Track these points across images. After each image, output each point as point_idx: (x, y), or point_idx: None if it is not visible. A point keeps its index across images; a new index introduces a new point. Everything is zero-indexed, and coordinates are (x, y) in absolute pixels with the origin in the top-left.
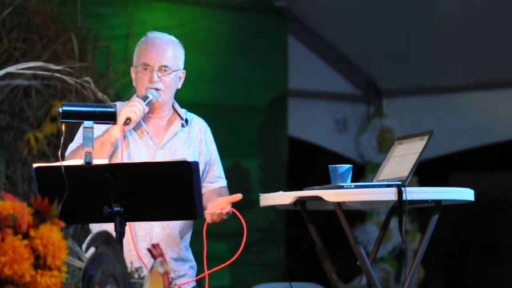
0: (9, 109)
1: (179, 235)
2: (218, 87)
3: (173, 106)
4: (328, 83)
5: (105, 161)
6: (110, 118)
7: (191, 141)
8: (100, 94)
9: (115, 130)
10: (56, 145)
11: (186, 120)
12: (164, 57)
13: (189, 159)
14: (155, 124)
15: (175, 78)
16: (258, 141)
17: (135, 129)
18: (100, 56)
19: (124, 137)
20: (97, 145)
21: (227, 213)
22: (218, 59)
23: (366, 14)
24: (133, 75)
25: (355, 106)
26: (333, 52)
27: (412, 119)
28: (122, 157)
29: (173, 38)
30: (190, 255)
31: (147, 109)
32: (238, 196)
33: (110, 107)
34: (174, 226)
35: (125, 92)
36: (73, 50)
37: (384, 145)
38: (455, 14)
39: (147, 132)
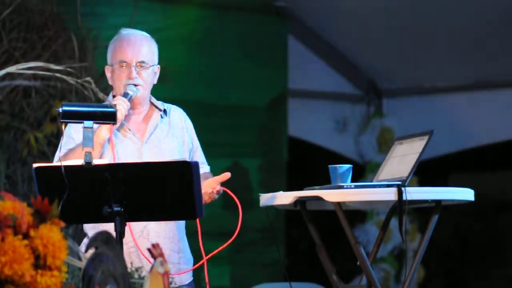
0: (9, 109)
1: (175, 226)
2: (218, 87)
3: (150, 100)
4: (328, 83)
5: (105, 161)
6: (110, 118)
7: (173, 131)
8: (101, 94)
9: (103, 131)
10: (56, 145)
11: (165, 111)
12: (141, 53)
13: (175, 150)
14: (134, 120)
15: (152, 73)
16: (258, 141)
17: (117, 129)
18: (100, 56)
19: (110, 138)
20: None
21: (218, 191)
22: (218, 59)
23: (366, 14)
24: (108, 74)
25: (355, 106)
26: (333, 52)
27: (412, 119)
28: (114, 157)
29: (145, 33)
30: (186, 246)
31: (129, 105)
32: (227, 175)
33: (111, 107)
34: None
35: None
36: (73, 50)
37: (384, 145)
38: (455, 14)
39: (129, 129)
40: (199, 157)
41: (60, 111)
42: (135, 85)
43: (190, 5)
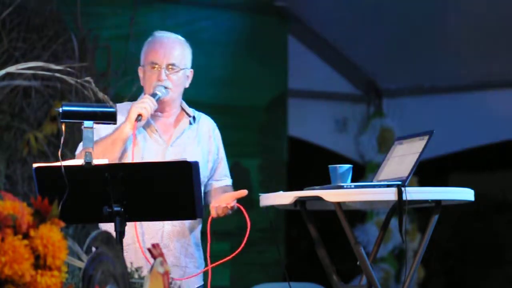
0: (9, 109)
1: (189, 231)
2: (218, 87)
3: (180, 105)
4: (328, 83)
5: (105, 161)
6: (110, 118)
7: (200, 138)
8: (101, 94)
9: (127, 128)
10: (56, 145)
11: (194, 118)
12: (172, 56)
13: (199, 157)
14: (163, 122)
15: (182, 77)
16: (258, 141)
17: (144, 127)
18: (100, 56)
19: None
20: (108, 143)
21: (232, 207)
22: (218, 59)
23: (366, 14)
24: (140, 75)
25: (355, 106)
26: (333, 52)
27: (412, 119)
28: (133, 154)
29: (180, 37)
30: (199, 252)
31: (157, 105)
32: (244, 192)
33: (111, 107)
34: (183, 222)
35: (125, 92)
36: (73, 50)
37: (384, 145)
38: (455, 14)
39: (156, 130)
40: (223, 168)
41: (60, 111)
42: (166, 87)
43: (190, 5)
